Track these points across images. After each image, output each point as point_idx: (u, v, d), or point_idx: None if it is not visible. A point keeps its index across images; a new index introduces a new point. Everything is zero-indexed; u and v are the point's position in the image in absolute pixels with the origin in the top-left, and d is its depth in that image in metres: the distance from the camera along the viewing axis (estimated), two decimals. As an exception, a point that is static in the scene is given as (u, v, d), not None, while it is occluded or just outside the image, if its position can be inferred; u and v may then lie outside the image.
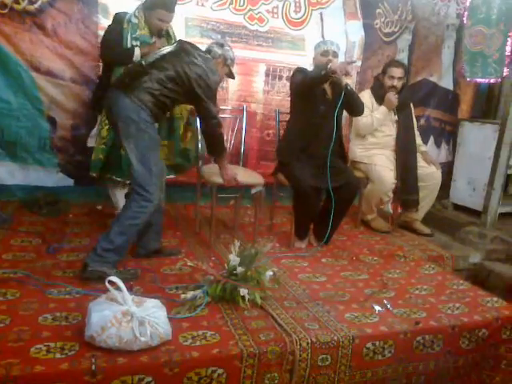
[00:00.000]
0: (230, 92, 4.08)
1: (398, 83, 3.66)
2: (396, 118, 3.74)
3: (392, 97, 3.63)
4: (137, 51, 2.93)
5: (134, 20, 2.98)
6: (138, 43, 2.97)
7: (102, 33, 3.20)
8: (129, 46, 2.96)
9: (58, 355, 1.73)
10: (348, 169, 3.38)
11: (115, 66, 2.96)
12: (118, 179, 3.12)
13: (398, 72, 3.66)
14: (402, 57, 4.46)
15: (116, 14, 3.07)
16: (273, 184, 3.45)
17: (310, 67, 3.25)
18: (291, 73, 3.32)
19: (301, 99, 3.16)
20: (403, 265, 3.11)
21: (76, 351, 1.77)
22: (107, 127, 2.97)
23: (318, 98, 3.12)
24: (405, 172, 3.72)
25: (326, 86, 3.15)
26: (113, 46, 2.96)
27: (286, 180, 3.22)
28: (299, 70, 3.16)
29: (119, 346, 1.77)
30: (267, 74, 4.16)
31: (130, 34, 2.97)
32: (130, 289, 1.94)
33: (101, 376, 1.69)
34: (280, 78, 4.16)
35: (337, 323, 2.20)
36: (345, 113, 3.31)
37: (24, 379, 1.61)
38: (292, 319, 2.19)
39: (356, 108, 3.23)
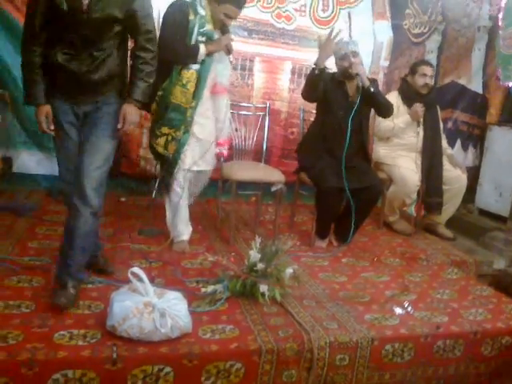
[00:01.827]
0: (254, 89, 4.09)
1: (430, 81, 3.62)
2: (421, 127, 3.70)
3: (418, 109, 3.58)
4: (202, 49, 2.63)
5: (202, 11, 2.65)
6: (204, 39, 2.67)
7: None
8: (193, 42, 2.64)
9: (80, 342, 1.77)
10: (371, 170, 3.35)
11: (174, 64, 2.64)
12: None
13: (429, 70, 3.62)
14: (431, 58, 4.39)
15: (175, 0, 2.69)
16: (295, 182, 3.44)
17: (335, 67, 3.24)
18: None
19: (320, 101, 3.16)
20: (425, 268, 3.07)
21: (98, 339, 1.80)
22: (151, 124, 2.84)
23: (338, 100, 3.12)
24: (429, 174, 3.68)
25: (349, 88, 3.14)
26: (176, 42, 2.61)
27: (308, 179, 3.22)
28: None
29: (140, 336, 1.79)
30: (293, 72, 4.16)
31: (197, 28, 2.65)
32: (151, 281, 1.96)
33: (121, 364, 1.71)
34: (306, 76, 4.15)
35: (356, 324, 2.19)
36: (372, 113, 3.30)
37: (48, 364, 1.65)
38: (311, 318, 2.19)
39: (382, 109, 3.20)
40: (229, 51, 2.78)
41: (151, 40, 2.14)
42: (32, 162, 3.60)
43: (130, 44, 2.21)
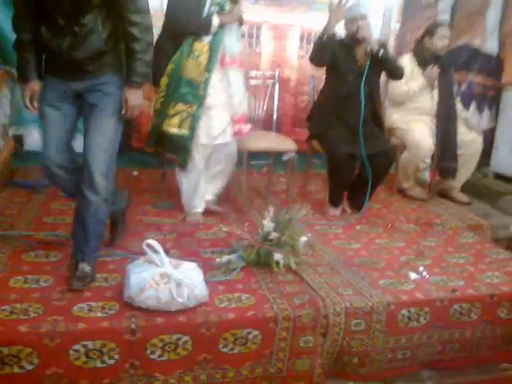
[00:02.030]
0: (262, 57, 4.02)
1: (448, 43, 3.53)
2: (435, 90, 3.61)
3: (433, 72, 3.50)
4: (215, 21, 2.55)
5: None
6: (217, 9, 2.59)
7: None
8: (206, 12, 2.54)
9: (99, 314, 1.79)
10: (383, 136, 3.30)
11: (185, 36, 2.58)
12: (172, 156, 2.79)
13: (447, 32, 3.52)
14: (444, 19, 4.25)
15: None
16: (307, 151, 3.41)
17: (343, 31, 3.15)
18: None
19: (329, 67, 3.10)
20: (441, 233, 3.06)
21: (116, 311, 1.82)
22: (162, 100, 2.69)
23: (347, 65, 3.05)
24: (444, 139, 3.61)
25: (358, 53, 3.06)
26: (189, 12, 2.52)
27: (320, 147, 3.18)
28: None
29: (157, 306, 1.81)
30: (301, 39, 4.07)
31: None
32: (166, 252, 1.97)
33: (140, 334, 1.74)
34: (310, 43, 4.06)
35: (371, 289, 2.19)
36: (382, 78, 3.23)
37: (68, 335, 1.68)
38: (326, 284, 2.20)
39: (392, 72, 3.14)
40: (240, 23, 2.71)
41: (138, 11, 1.90)
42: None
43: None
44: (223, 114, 2.76)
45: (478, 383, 2.28)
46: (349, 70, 3.06)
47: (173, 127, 2.66)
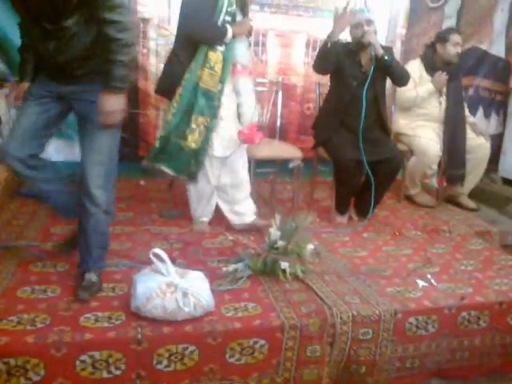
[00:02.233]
0: (268, 65, 4.03)
1: (460, 50, 3.53)
2: (443, 96, 3.60)
3: (442, 78, 3.49)
4: (229, 32, 2.54)
5: None
6: (230, 19, 2.56)
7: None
8: (220, 21, 2.53)
9: (105, 324, 1.79)
10: (390, 142, 3.29)
11: (199, 45, 2.56)
12: (169, 172, 2.74)
13: (460, 39, 3.52)
14: (450, 23, 4.25)
15: None
16: (313, 158, 3.41)
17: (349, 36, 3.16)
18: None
19: (333, 72, 3.10)
20: (448, 240, 3.03)
21: (122, 321, 1.82)
22: (174, 111, 2.61)
23: (351, 72, 3.05)
24: (452, 145, 3.59)
25: (363, 58, 3.06)
26: (205, 21, 2.50)
27: (326, 154, 3.18)
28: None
29: (164, 316, 1.81)
30: (307, 46, 4.08)
31: (225, 7, 2.53)
32: (173, 261, 1.97)
33: (146, 344, 1.74)
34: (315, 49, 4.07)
35: (378, 297, 2.18)
36: (388, 83, 3.22)
37: (75, 345, 1.68)
38: (333, 293, 2.18)
39: (397, 78, 3.13)
40: (249, 33, 2.73)
41: (113, 8, 1.77)
42: (51, 149, 3.62)
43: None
44: (234, 124, 2.76)
45: (488, 392, 2.25)
46: (353, 76, 3.05)
47: (192, 142, 2.62)
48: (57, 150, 3.65)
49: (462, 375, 2.29)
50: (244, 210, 2.87)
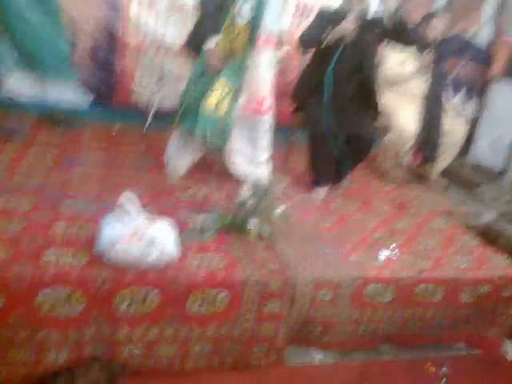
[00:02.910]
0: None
1: (440, 33, 3.54)
2: (428, 76, 3.62)
3: (427, 56, 3.50)
4: None
5: None
6: None
7: None
8: None
9: (68, 263, 1.78)
10: (367, 119, 3.22)
11: None
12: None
13: (441, 23, 3.52)
14: (440, 5, 4.22)
15: None
16: (292, 124, 3.38)
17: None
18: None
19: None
20: (414, 216, 3.10)
21: (86, 262, 1.81)
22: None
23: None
24: (428, 126, 3.64)
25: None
26: None
27: (303, 120, 3.15)
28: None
29: (127, 263, 1.81)
30: (296, 12, 3.97)
31: None
32: (143, 207, 1.96)
33: (108, 286, 1.75)
34: (308, 17, 3.98)
35: (340, 263, 2.23)
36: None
37: (37, 279, 1.68)
38: (296, 255, 2.22)
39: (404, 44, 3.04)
40: None
41: None
42: (23, 87, 3.46)
43: None
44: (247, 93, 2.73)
45: (433, 361, 2.36)
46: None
47: (209, 106, 2.62)
48: (29, 88, 3.49)
49: (410, 343, 2.40)
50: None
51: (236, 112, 2.68)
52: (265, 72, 2.72)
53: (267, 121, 2.84)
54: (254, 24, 2.60)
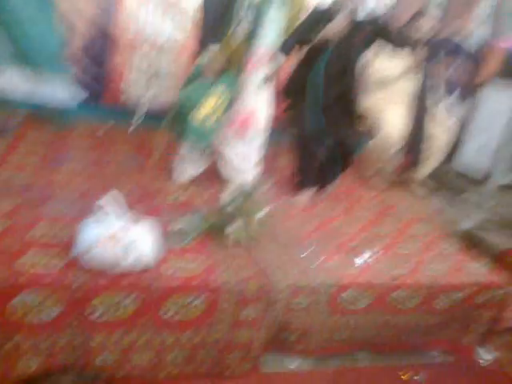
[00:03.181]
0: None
1: (427, 34, 3.53)
2: (418, 76, 3.63)
3: (418, 56, 3.51)
4: None
5: None
6: None
7: None
8: None
9: (43, 267, 1.78)
10: (352, 122, 3.26)
11: None
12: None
13: (427, 24, 3.51)
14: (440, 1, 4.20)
15: None
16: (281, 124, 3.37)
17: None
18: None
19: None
20: (394, 223, 3.12)
21: (64, 264, 1.82)
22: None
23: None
24: (413, 131, 3.66)
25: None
26: None
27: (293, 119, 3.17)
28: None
29: (103, 267, 1.82)
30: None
31: None
32: (129, 207, 1.96)
33: (82, 292, 1.75)
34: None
35: (317, 270, 2.26)
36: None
37: (9, 286, 1.68)
38: (273, 261, 2.24)
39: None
40: None
41: None
42: (13, 82, 3.43)
43: None
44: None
45: (408, 367, 2.39)
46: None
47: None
48: (19, 83, 3.45)
49: (386, 350, 2.43)
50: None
51: (227, 121, 2.70)
52: (257, 88, 2.73)
53: (259, 131, 2.86)
54: (252, 37, 2.61)
